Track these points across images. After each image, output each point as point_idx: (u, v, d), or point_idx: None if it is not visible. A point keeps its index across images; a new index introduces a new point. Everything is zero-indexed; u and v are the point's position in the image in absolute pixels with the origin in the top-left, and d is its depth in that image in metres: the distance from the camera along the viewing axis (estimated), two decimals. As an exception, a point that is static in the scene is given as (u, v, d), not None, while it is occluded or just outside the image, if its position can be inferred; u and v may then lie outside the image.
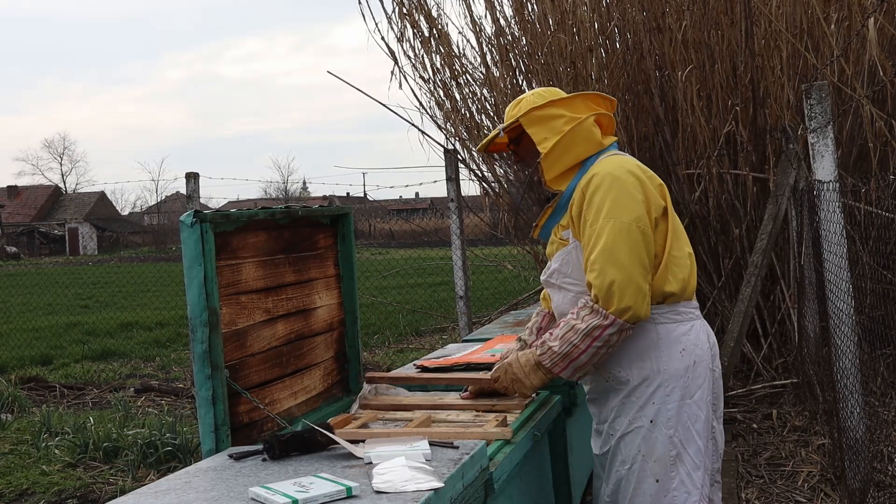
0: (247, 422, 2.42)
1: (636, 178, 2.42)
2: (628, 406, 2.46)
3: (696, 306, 2.52)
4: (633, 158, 2.54)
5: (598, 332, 2.34)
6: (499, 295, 11.36)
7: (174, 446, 5.11)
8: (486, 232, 9.61)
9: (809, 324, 5.29)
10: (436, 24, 7.39)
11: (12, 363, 9.51)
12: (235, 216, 2.40)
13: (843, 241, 3.79)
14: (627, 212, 2.36)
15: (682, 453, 2.41)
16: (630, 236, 2.34)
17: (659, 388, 2.42)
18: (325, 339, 2.89)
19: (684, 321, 2.45)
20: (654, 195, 2.43)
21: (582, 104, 2.57)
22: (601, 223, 2.36)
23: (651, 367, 2.43)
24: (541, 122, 2.52)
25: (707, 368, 2.46)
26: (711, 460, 2.48)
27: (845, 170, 5.59)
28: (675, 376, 2.41)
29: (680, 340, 2.43)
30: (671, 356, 2.42)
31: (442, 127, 7.67)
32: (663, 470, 2.40)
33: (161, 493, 1.86)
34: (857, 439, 3.77)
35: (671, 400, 2.41)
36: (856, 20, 5.59)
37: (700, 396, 2.43)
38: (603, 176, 2.41)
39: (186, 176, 5.74)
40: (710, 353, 2.49)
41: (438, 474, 1.88)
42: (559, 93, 2.61)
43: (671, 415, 2.41)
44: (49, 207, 60.77)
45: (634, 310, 2.32)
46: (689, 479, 2.40)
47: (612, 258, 2.32)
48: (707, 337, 2.50)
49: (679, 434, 2.41)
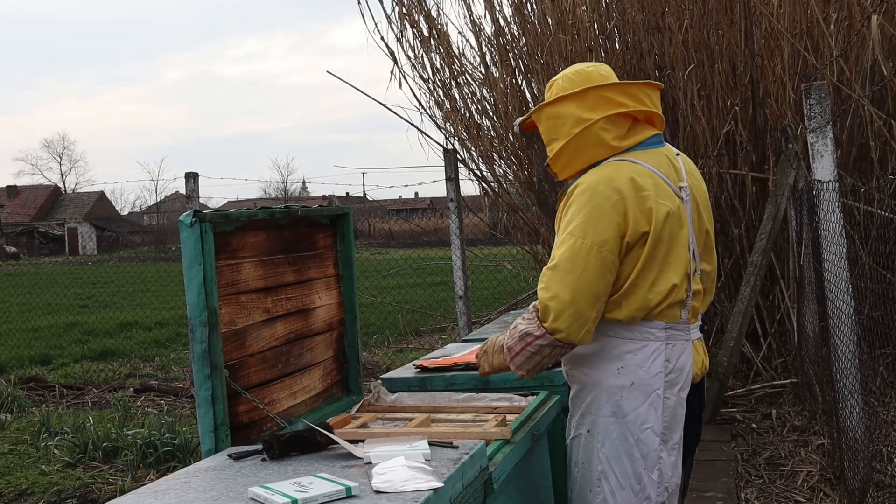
0: (246, 422, 2.42)
1: (621, 196, 2.26)
2: (575, 408, 2.46)
3: (665, 328, 2.35)
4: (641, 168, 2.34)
5: (529, 339, 2.31)
6: (498, 295, 11.37)
7: (174, 446, 5.11)
8: (485, 232, 9.62)
9: (809, 324, 5.29)
10: (435, 24, 7.39)
11: (12, 363, 9.50)
12: (235, 216, 2.40)
13: (842, 241, 3.79)
14: (594, 233, 2.24)
15: (606, 471, 2.37)
16: (587, 260, 2.24)
17: (595, 398, 2.39)
18: (325, 338, 2.89)
19: (634, 340, 2.34)
20: (637, 220, 2.26)
21: (599, 101, 2.37)
22: (565, 236, 2.28)
23: (590, 375, 2.39)
24: (551, 119, 2.41)
25: (652, 394, 2.34)
26: (656, 492, 2.37)
27: (845, 170, 5.59)
28: (608, 391, 2.36)
29: (622, 358, 2.35)
30: (608, 370, 2.36)
31: (441, 127, 7.68)
32: (593, 482, 2.40)
33: (160, 493, 1.86)
34: (857, 439, 3.77)
35: (602, 414, 2.37)
36: (855, 20, 5.59)
37: (635, 419, 2.34)
38: (586, 188, 2.29)
39: (186, 176, 5.73)
40: (664, 379, 2.34)
41: (438, 474, 1.88)
42: (591, 78, 2.42)
43: (600, 430, 2.37)
44: (48, 207, 60.74)
45: (567, 333, 2.25)
46: (612, 499, 2.36)
47: (562, 278, 2.25)
48: (664, 362, 2.35)
49: (605, 451, 2.37)
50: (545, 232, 7.27)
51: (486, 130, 7.53)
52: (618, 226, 2.26)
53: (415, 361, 3.30)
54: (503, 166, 7.61)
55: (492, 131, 7.52)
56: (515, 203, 7.71)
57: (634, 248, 2.28)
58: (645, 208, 2.27)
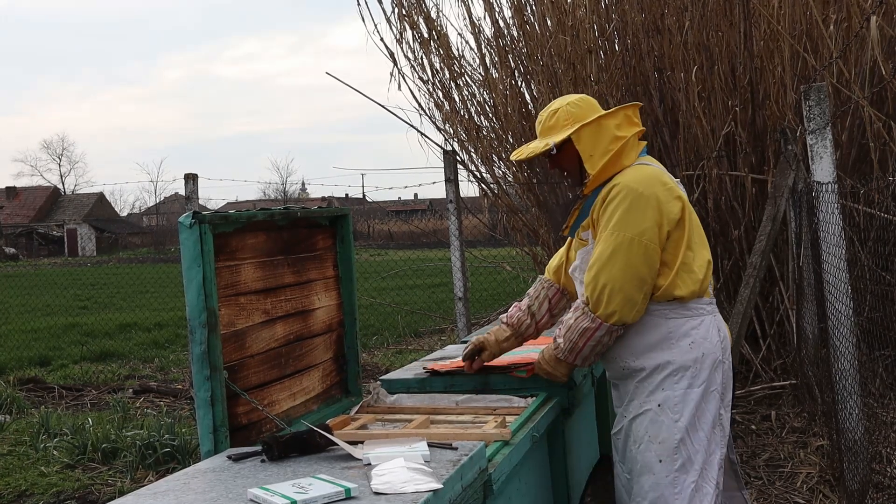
0: (245, 423, 2.42)
1: (653, 191, 2.60)
2: (640, 390, 2.67)
3: (710, 301, 2.70)
4: (657, 168, 2.71)
5: (588, 333, 2.62)
6: (497, 296, 11.37)
7: (173, 447, 5.11)
8: (484, 233, 9.61)
9: (808, 325, 5.29)
10: (435, 25, 7.39)
11: (11, 364, 9.50)
12: (234, 217, 2.40)
13: (841, 243, 3.79)
14: (633, 226, 2.56)
15: (685, 438, 2.60)
16: (630, 250, 2.55)
17: (668, 376, 2.62)
18: (324, 340, 2.89)
19: (694, 316, 2.64)
20: (670, 208, 2.60)
21: (626, 121, 2.73)
22: (607, 233, 2.59)
23: (662, 358, 2.63)
24: (591, 137, 2.67)
25: (715, 360, 2.64)
26: (719, 445, 2.65)
27: (844, 171, 5.59)
28: (684, 367, 2.61)
29: (689, 334, 2.63)
30: (681, 348, 2.62)
31: (441, 128, 7.68)
32: (667, 452, 2.60)
33: (160, 495, 1.86)
34: (856, 440, 3.77)
35: (678, 388, 2.61)
36: (855, 22, 5.59)
37: (706, 386, 2.62)
38: (621, 187, 2.60)
39: (185, 177, 5.74)
40: (721, 346, 2.67)
41: (437, 475, 1.88)
42: (594, 102, 2.78)
43: (678, 401, 2.61)
44: (48, 208, 60.72)
45: (620, 315, 2.57)
46: (689, 463, 2.60)
47: (608, 267, 2.56)
48: (718, 331, 2.68)
49: (684, 420, 2.60)
50: (544, 233, 7.27)
51: (486, 132, 7.54)
52: (655, 216, 2.58)
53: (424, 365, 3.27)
54: (502, 168, 7.61)
55: (491, 133, 7.53)
56: (515, 204, 7.71)
57: (674, 233, 2.61)
58: (674, 197, 2.63)
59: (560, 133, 2.70)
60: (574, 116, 2.70)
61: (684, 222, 2.63)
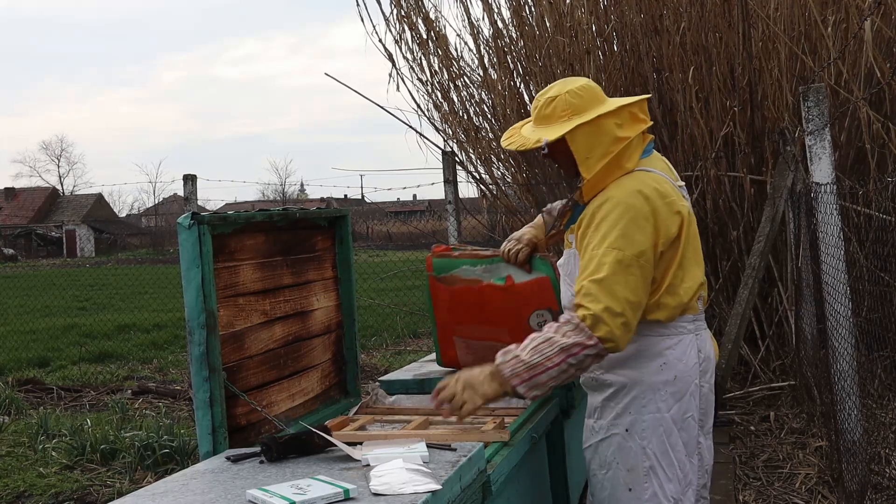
0: (244, 424, 2.42)
1: (652, 207, 2.33)
2: (607, 410, 2.46)
3: (694, 318, 2.45)
4: (657, 176, 2.42)
5: (577, 349, 2.24)
6: (497, 297, 11.33)
7: (172, 448, 5.10)
8: (483, 234, 9.61)
9: (807, 326, 5.29)
10: (433, 26, 7.39)
11: (9, 365, 9.49)
12: (233, 218, 2.39)
13: (840, 244, 3.79)
14: (633, 245, 2.29)
15: (655, 465, 2.41)
16: (630, 271, 2.28)
17: (635, 398, 2.41)
18: (323, 341, 2.89)
19: (671, 335, 2.42)
20: (667, 225, 2.35)
21: (630, 119, 2.44)
22: (604, 250, 2.29)
23: (630, 376, 2.42)
24: (588, 137, 2.39)
25: (691, 384, 2.42)
26: (697, 476, 2.46)
27: (843, 172, 5.60)
28: (653, 388, 2.40)
29: (663, 354, 2.41)
30: (650, 368, 2.41)
31: (440, 129, 7.67)
32: (636, 480, 2.41)
33: (158, 496, 1.86)
34: (855, 441, 3.77)
35: (647, 411, 2.40)
36: (853, 23, 5.60)
37: (678, 410, 2.41)
38: (616, 202, 2.33)
39: (184, 178, 5.73)
40: (699, 368, 2.44)
41: (436, 476, 1.88)
42: (598, 91, 2.47)
43: (646, 426, 2.40)
44: (46, 209, 60.68)
45: (617, 342, 2.26)
46: (661, 492, 2.40)
47: (610, 290, 2.25)
48: (697, 352, 2.45)
49: (653, 446, 2.40)
50: (543, 234, 7.25)
51: (485, 133, 7.54)
52: (652, 235, 2.33)
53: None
54: (501, 168, 7.61)
55: (490, 133, 7.53)
56: (514, 205, 7.70)
57: (667, 252, 2.37)
58: (673, 213, 2.38)
59: (554, 129, 2.42)
60: (573, 108, 2.41)
61: (680, 241, 2.38)
